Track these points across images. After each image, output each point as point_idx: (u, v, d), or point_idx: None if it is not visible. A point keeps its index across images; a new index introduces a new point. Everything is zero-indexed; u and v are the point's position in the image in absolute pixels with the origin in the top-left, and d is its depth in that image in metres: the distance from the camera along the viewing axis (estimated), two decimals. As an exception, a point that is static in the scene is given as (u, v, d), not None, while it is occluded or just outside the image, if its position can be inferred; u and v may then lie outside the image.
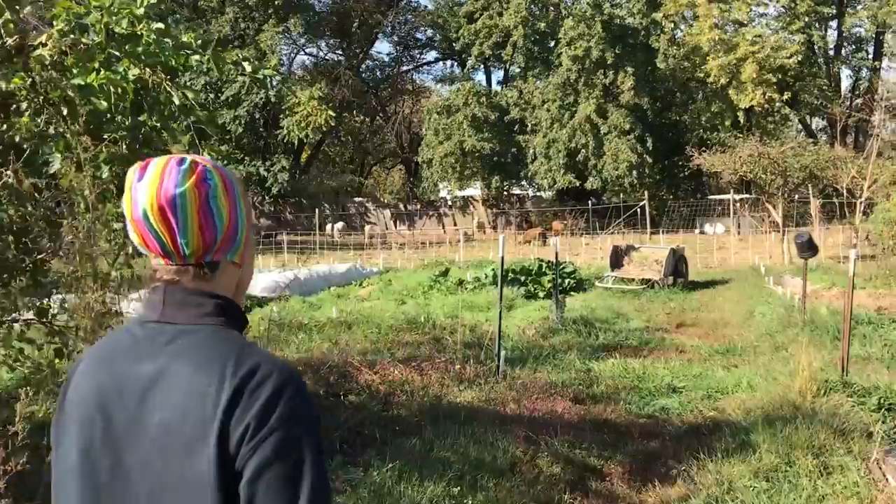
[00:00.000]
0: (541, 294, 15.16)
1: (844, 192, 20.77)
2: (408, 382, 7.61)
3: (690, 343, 10.64)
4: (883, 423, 6.58)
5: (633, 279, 16.09)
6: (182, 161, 1.39)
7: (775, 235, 23.41)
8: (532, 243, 30.05)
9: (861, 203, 20.72)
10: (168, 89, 4.01)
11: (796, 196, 23.00)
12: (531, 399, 7.51)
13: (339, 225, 38.14)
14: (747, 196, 35.28)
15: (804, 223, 29.96)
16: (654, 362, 9.40)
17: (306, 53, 55.48)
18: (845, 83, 48.44)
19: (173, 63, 4.16)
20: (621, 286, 15.92)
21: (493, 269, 15.55)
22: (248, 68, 4.37)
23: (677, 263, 16.38)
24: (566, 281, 15.92)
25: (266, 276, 16.39)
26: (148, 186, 1.36)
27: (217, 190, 1.40)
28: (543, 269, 15.91)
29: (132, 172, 1.39)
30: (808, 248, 10.05)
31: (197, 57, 4.21)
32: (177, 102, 4.00)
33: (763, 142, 21.57)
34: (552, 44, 41.79)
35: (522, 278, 15.61)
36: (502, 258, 8.94)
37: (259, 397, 1.30)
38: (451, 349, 9.31)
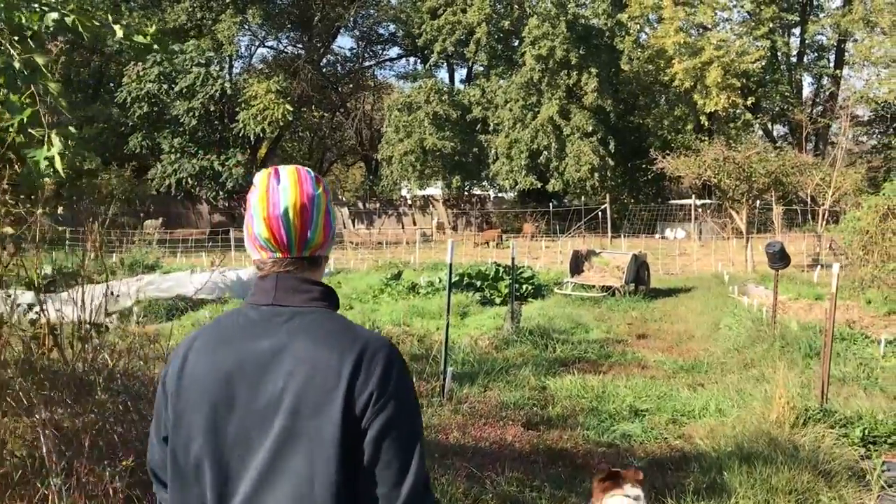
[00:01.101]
0: (497, 300, 14.39)
1: (808, 199, 20.34)
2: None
3: (653, 357, 9.92)
4: (867, 457, 5.91)
5: (594, 286, 15.39)
6: (305, 170, 1.73)
7: (738, 242, 22.96)
8: (490, 245, 29.33)
9: (825, 211, 20.33)
10: (11, 50, 3.12)
11: (758, 202, 22.59)
12: (478, 425, 6.70)
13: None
14: (709, 201, 34.98)
15: (766, 230, 29.74)
16: (614, 379, 8.66)
17: (266, 46, 54.22)
18: (807, 90, 48.61)
19: (22, 20, 3.25)
20: (581, 293, 15.21)
21: (446, 274, 14.73)
22: (120, 33, 3.50)
23: (639, 270, 15.72)
24: (524, 287, 15.17)
25: (204, 275, 15.35)
26: (291, 188, 1.66)
27: (330, 196, 1.75)
28: (500, 274, 15.13)
29: (265, 178, 1.69)
30: (780, 258, 9.38)
31: (55, 15, 3.31)
32: (17, 67, 3.10)
33: (729, 146, 21.05)
34: (516, 43, 41.11)
35: (478, 283, 14.80)
36: (451, 266, 8.12)
37: (375, 368, 1.56)
38: (393, 364, 8.43)
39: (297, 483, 1.54)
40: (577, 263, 15.98)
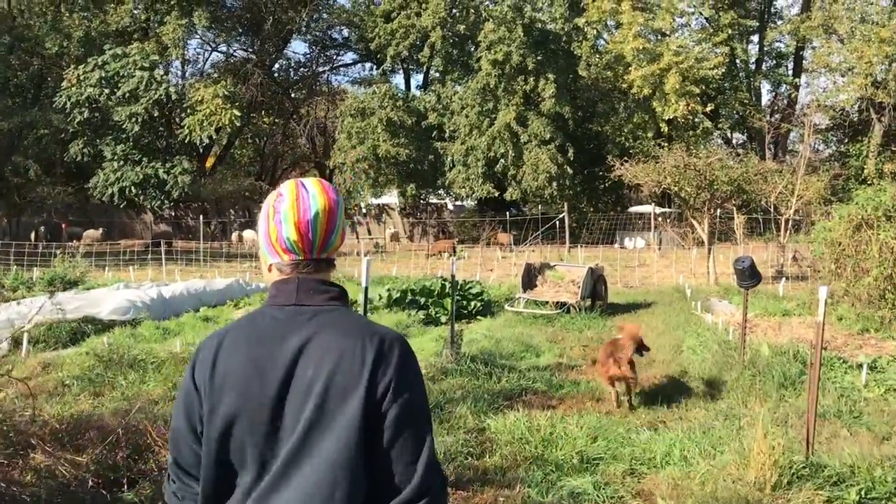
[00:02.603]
0: (443, 318, 13.18)
1: (772, 207, 19.50)
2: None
3: (609, 387, 8.77)
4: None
5: (547, 302, 14.24)
6: (324, 181, 2.01)
7: (698, 251, 22.06)
8: (444, 256, 28.17)
9: (790, 220, 19.50)
10: None
11: (719, 211, 21.72)
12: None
13: (247, 233, 35.43)
14: (669, 210, 34.19)
15: (727, 239, 28.99)
16: (564, 416, 7.46)
17: (216, 50, 52.53)
18: (765, 97, 48.31)
19: None
20: (534, 310, 14.05)
21: (388, 289, 13.48)
22: None
23: (596, 284, 14.62)
24: (472, 304, 13.98)
25: (120, 294, 13.92)
26: (319, 195, 1.93)
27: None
28: (447, 290, 13.92)
29: (294, 188, 1.94)
30: (751, 275, 8.30)
31: None
32: None
33: (690, 153, 20.11)
34: (473, 48, 40.04)
35: (422, 300, 13.56)
36: (366, 290, 6.89)
37: (392, 359, 1.81)
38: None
39: (326, 459, 1.76)
40: (530, 277, 14.81)
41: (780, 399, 7.79)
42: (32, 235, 34.54)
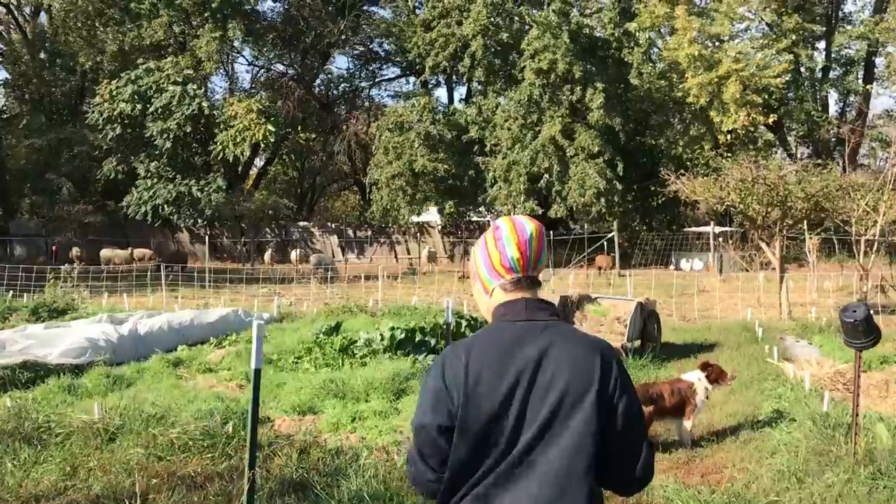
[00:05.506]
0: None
1: (853, 227, 16.72)
2: None
3: (660, 484, 6.30)
4: None
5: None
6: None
7: (765, 277, 19.31)
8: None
9: (875, 240, 16.70)
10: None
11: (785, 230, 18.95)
12: None
13: (267, 254, 33.63)
14: (729, 229, 31.30)
15: (794, 260, 26.05)
16: None
17: (252, 64, 51.29)
18: (832, 108, 44.92)
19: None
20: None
21: (390, 329, 11.15)
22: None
23: (646, 322, 12.10)
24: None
25: (80, 331, 11.90)
26: (528, 222, 2.37)
27: None
28: (463, 329, 11.57)
29: (509, 221, 2.39)
30: (867, 330, 5.77)
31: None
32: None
33: (758, 165, 17.43)
34: (516, 57, 37.72)
35: (432, 342, 11.18)
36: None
37: (612, 365, 2.20)
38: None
39: (568, 445, 2.13)
40: (566, 314, 12.31)
41: (916, 517, 5.27)
42: (72, 253, 33.09)
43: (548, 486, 2.11)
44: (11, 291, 19.83)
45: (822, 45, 41.83)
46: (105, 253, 31.78)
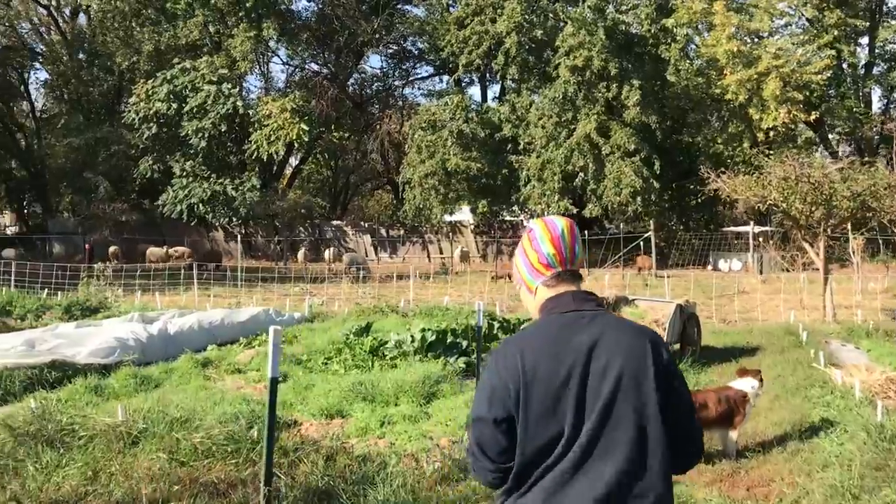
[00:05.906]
0: (491, 366, 10.52)
1: (898, 227, 16.11)
2: None
3: (704, 498, 5.98)
4: None
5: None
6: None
7: (808, 278, 18.72)
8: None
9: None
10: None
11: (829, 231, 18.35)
12: None
13: (301, 253, 33.63)
14: (769, 229, 30.57)
15: (837, 260, 25.31)
16: None
17: (287, 63, 51.42)
18: (875, 105, 43.73)
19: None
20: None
21: (421, 330, 10.90)
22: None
23: (686, 325, 11.73)
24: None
25: (110, 330, 11.83)
26: (559, 219, 2.50)
27: None
28: (496, 331, 11.28)
29: (541, 221, 2.52)
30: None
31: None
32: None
33: (802, 162, 16.88)
34: (550, 54, 37.25)
35: (464, 343, 10.91)
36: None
37: (661, 349, 2.31)
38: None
39: (629, 427, 2.21)
40: (602, 315, 11.98)
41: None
42: (111, 251, 33.27)
43: (622, 470, 2.18)
44: (46, 289, 19.97)
45: (865, 40, 40.80)
46: (153, 250, 32.04)
